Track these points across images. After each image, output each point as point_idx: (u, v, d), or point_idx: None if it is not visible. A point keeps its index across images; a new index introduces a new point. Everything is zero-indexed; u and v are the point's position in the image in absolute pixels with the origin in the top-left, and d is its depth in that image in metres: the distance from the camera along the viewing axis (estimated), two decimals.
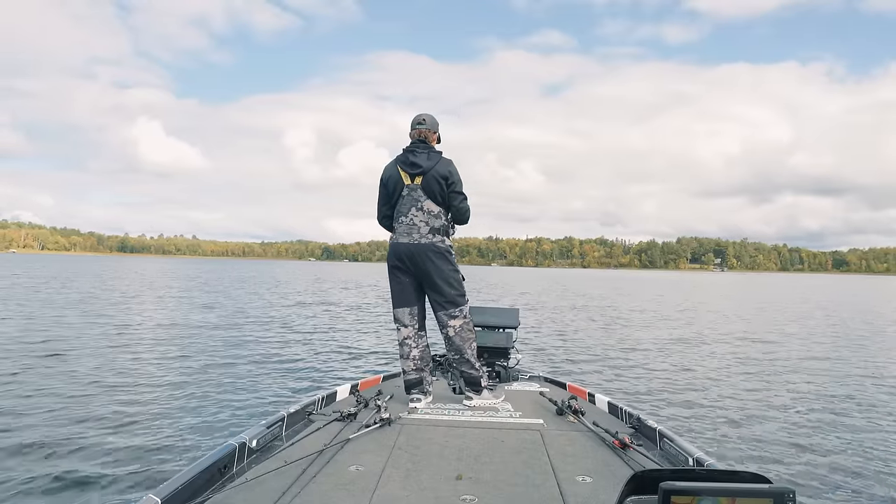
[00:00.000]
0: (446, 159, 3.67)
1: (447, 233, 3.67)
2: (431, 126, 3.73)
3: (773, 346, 11.37)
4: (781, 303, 27.52)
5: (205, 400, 5.65)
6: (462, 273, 3.70)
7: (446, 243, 3.64)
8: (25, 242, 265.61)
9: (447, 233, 3.67)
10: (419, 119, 3.72)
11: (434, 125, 3.75)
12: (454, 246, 3.71)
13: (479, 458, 2.70)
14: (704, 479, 1.40)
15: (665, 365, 8.72)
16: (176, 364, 7.50)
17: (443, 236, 3.64)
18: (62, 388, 5.88)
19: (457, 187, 3.64)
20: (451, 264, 3.64)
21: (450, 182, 3.60)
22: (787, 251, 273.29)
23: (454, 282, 3.64)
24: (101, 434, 4.45)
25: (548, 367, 8.03)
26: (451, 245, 3.67)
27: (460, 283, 3.68)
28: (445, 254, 3.62)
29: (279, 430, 2.99)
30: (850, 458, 4.47)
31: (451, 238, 3.70)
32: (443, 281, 3.61)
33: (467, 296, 3.72)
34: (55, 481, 3.53)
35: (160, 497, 1.99)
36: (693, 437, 4.69)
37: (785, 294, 38.00)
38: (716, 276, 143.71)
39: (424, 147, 3.66)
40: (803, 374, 8.26)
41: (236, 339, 10.13)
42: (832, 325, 16.41)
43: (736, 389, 6.99)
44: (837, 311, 22.63)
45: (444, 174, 3.58)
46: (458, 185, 3.65)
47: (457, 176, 3.64)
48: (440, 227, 3.62)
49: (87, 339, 9.36)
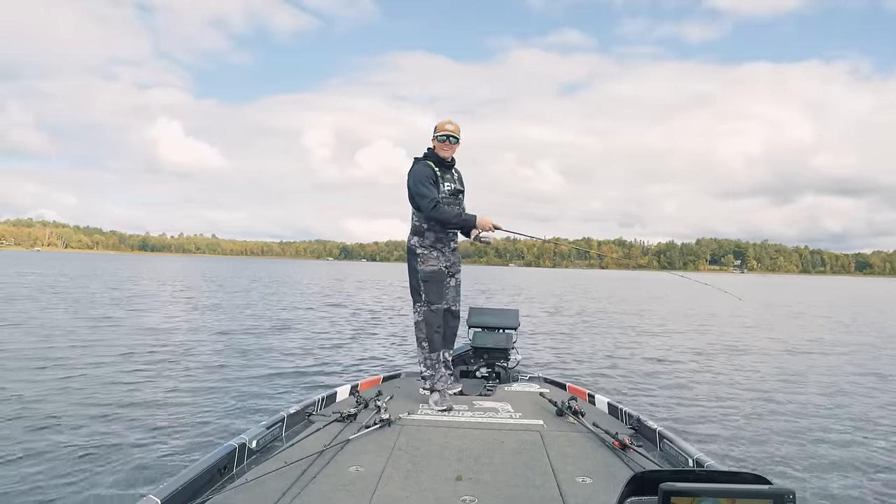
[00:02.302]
0: (417, 163, 3.91)
1: (417, 232, 3.91)
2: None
3: (773, 345, 11.25)
4: (793, 304, 27.21)
5: (205, 400, 5.67)
6: (426, 273, 3.85)
7: (412, 242, 3.92)
8: (49, 241, 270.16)
9: (417, 232, 3.91)
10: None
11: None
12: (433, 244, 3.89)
13: (479, 458, 2.70)
14: (704, 480, 1.40)
15: (665, 365, 8.66)
16: (176, 364, 7.54)
17: (413, 235, 3.93)
18: (62, 389, 5.91)
19: (410, 190, 3.87)
20: (414, 262, 3.91)
21: (407, 184, 3.89)
22: (808, 253, 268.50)
23: (414, 280, 3.94)
24: (101, 434, 4.47)
25: (548, 367, 8.00)
26: (417, 244, 3.89)
27: (418, 282, 3.90)
28: (411, 253, 3.93)
29: (279, 431, 3.01)
30: (850, 459, 4.42)
31: (423, 237, 3.89)
32: (411, 276, 3.96)
33: (429, 298, 3.87)
34: (55, 481, 3.55)
35: (160, 497, 2.01)
36: (693, 438, 4.64)
37: (799, 295, 37.45)
38: (735, 277, 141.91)
39: (426, 153, 3.95)
40: (804, 374, 8.19)
41: (237, 338, 10.16)
42: (842, 326, 16.19)
43: (736, 390, 6.95)
44: (849, 312, 22.34)
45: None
46: (410, 188, 3.86)
47: (408, 179, 3.87)
48: (412, 227, 3.94)
49: (88, 339, 9.38)
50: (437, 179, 3.82)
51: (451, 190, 3.90)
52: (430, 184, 3.78)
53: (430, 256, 3.87)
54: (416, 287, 3.91)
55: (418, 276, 3.86)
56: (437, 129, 3.87)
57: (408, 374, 4.72)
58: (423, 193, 3.75)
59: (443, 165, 3.89)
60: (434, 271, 3.85)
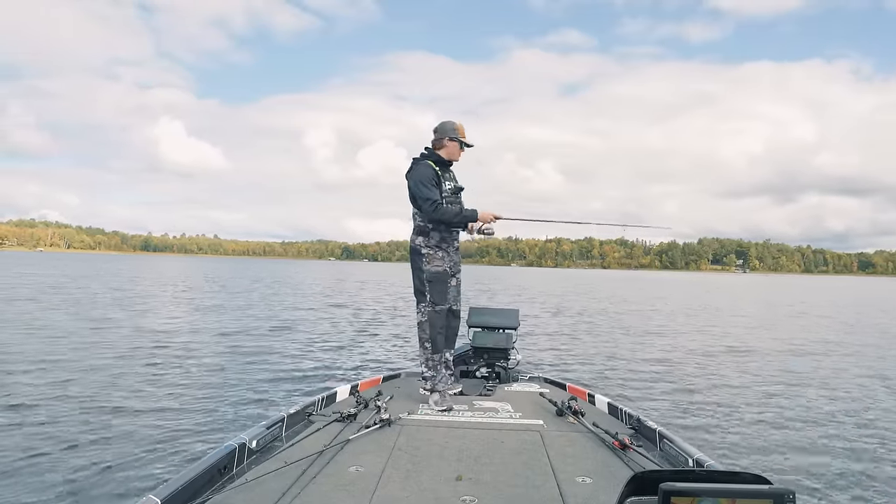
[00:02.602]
0: (417, 164, 3.89)
1: (421, 232, 3.89)
2: (438, 132, 3.93)
3: (774, 346, 11.20)
4: (794, 303, 27.14)
5: (205, 400, 5.67)
6: (431, 273, 3.84)
7: (416, 241, 3.90)
8: (52, 241, 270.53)
9: (421, 232, 3.89)
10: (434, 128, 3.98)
11: (441, 131, 3.92)
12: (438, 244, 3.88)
13: (479, 458, 2.70)
14: (704, 480, 1.40)
15: (666, 365, 8.65)
16: (176, 364, 7.54)
17: (417, 235, 3.90)
18: (62, 389, 5.90)
19: (411, 191, 3.87)
20: (419, 262, 3.88)
21: (408, 185, 3.89)
22: (811, 252, 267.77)
23: (418, 280, 3.91)
24: (101, 434, 4.47)
25: (548, 367, 8.00)
26: (422, 244, 3.87)
27: (422, 282, 3.88)
28: (416, 252, 3.90)
29: (279, 431, 3.01)
30: (851, 460, 4.41)
31: (428, 237, 3.87)
32: (415, 276, 3.92)
33: (434, 299, 3.85)
34: (55, 481, 3.54)
35: (160, 497, 2.01)
36: (693, 438, 4.63)
37: (801, 295, 37.36)
38: (737, 277, 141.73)
39: (424, 153, 3.94)
40: (805, 374, 8.15)
41: (237, 339, 10.15)
42: (846, 326, 16.12)
43: (736, 390, 6.92)
44: (852, 312, 22.28)
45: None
46: (411, 190, 3.86)
47: (409, 181, 3.86)
48: (416, 227, 3.92)
49: (88, 340, 9.38)
50: (438, 180, 3.82)
51: (453, 188, 3.91)
52: (432, 185, 3.77)
53: (435, 256, 3.85)
54: (419, 287, 3.90)
55: (423, 276, 3.85)
56: (458, 133, 3.87)
57: (408, 374, 4.72)
58: (426, 196, 3.74)
59: (442, 165, 3.90)
60: (439, 272, 3.85)
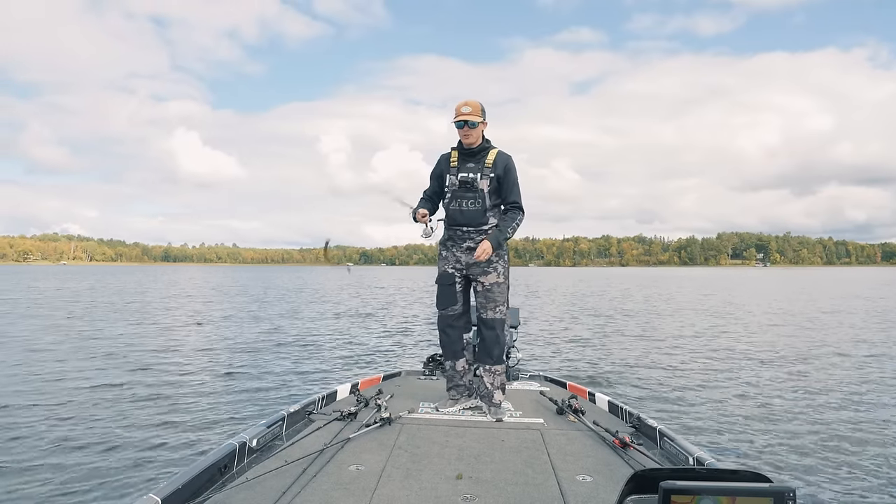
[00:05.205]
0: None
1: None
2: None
3: (774, 346, 10.96)
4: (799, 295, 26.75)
5: (205, 399, 5.74)
6: (437, 276, 3.56)
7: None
8: (75, 254, 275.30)
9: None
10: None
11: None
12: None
13: (480, 457, 2.69)
14: (705, 479, 1.39)
15: (666, 364, 8.57)
16: (176, 364, 7.66)
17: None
18: (61, 390, 6.02)
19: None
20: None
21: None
22: (832, 244, 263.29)
23: None
24: (101, 434, 4.55)
25: (548, 366, 8.00)
26: (440, 243, 3.59)
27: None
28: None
29: (279, 430, 3.02)
30: (851, 458, 4.34)
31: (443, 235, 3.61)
32: None
33: (435, 302, 3.61)
34: (55, 481, 3.59)
35: (160, 497, 2.02)
36: (693, 437, 4.59)
37: (811, 287, 36.76)
38: (758, 271, 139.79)
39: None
40: (806, 372, 7.99)
41: (237, 339, 10.29)
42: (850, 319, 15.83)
43: (736, 389, 6.84)
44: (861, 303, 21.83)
45: None
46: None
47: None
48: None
49: (88, 340, 9.57)
50: (441, 172, 3.51)
51: (465, 179, 3.40)
52: (431, 178, 3.57)
53: (439, 257, 3.55)
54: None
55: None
56: (455, 114, 3.38)
57: (408, 372, 4.71)
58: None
59: (465, 153, 3.45)
60: (439, 273, 3.52)
